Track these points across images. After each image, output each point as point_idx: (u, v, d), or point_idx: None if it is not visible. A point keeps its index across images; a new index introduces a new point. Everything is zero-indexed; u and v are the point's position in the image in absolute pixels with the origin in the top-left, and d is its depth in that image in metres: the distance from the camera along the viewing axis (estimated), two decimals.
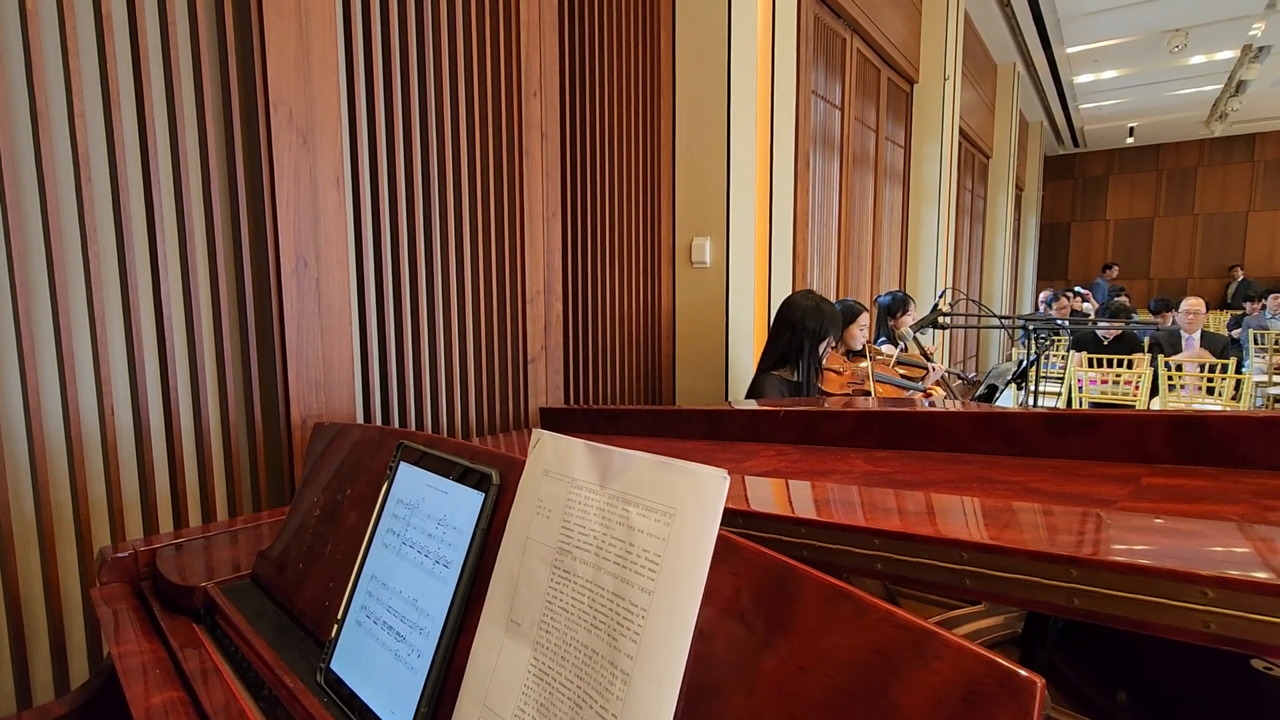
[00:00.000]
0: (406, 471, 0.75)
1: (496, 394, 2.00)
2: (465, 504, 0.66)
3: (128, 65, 1.27)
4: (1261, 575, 0.42)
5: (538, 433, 0.62)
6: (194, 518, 1.39)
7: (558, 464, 0.60)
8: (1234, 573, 0.43)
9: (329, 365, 1.56)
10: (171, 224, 1.35)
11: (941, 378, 2.99)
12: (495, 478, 0.65)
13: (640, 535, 0.51)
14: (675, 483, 0.50)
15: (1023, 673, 0.34)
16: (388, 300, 1.70)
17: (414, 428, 1.79)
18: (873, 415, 1.04)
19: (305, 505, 0.94)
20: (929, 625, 0.37)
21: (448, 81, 1.78)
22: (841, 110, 4.19)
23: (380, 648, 0.66)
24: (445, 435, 1.25)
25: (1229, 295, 10.69)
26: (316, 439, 1.01)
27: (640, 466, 0.54)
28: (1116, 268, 11.69)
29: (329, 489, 0.91)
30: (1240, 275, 10.98)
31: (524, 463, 0.63)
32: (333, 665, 0.71)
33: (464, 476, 0.68)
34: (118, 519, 1.29)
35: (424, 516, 0.69)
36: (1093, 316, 6.50)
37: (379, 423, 1.72)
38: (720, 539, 0.47)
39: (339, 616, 0.74)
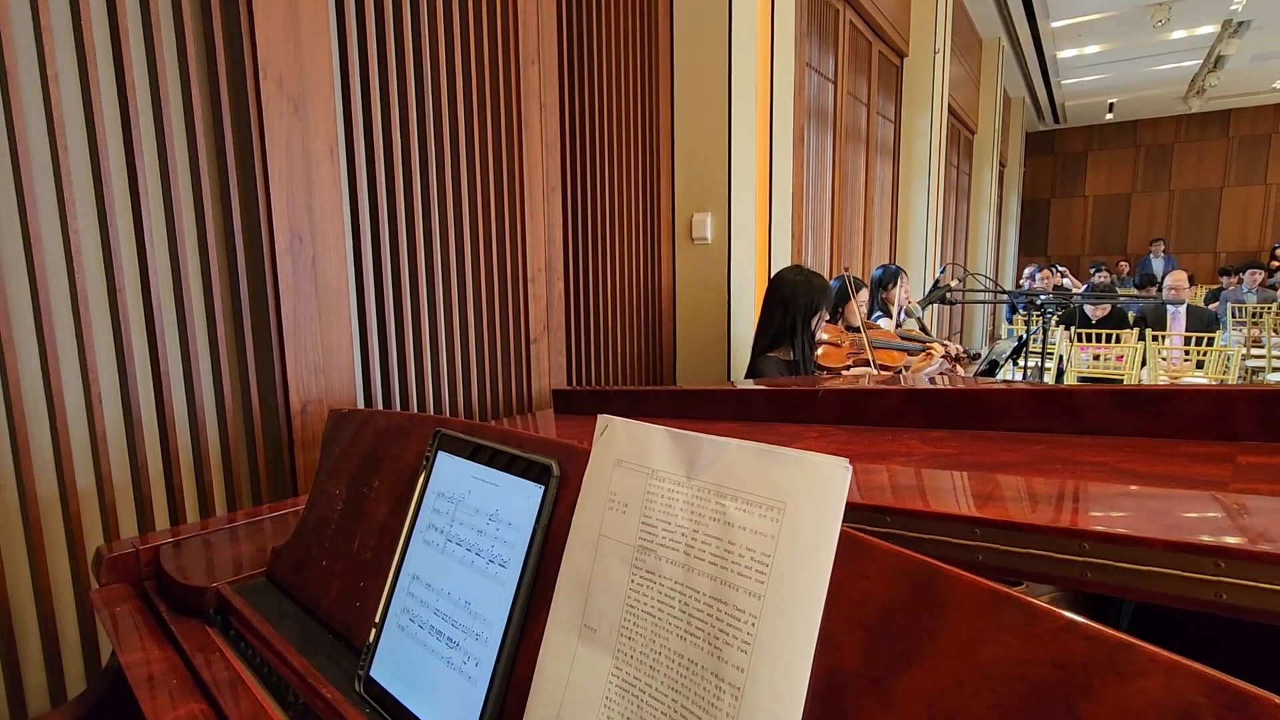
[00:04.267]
0: (446, 462, 0.69)
1: (500, 376, 1.93)
2: (520, 497, 0.60)
3: (104, 22, 1.17)
4: None
5: (604, 418, 0.57)
6: (191, 512, 1.32)
7: (632, 453, 0.54)
8: None
9: (328, 348, 1.48)
10: (157, 197, 1.26)
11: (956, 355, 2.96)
12: (555, 469, 0.59)
13: (741, 533, 0.46)
14: (783, 474, 0.45)
15: (1261, 693, 0.29)
16: (386, 280, 1.61)
17: (418, 412, 1.72)
18: (918, 394, 1.00)
19: (325, 498, 0.87)
20: (1125, 637, 0.33)
21: (443, 47, 1.69)
22: (835, 84, 4.12)
23: (430, 655, 0.61)
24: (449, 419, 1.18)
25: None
26: (334, 427, 0.94)
27: (736, 455, 0.48)
28: (1161, 242, 10.91)
29: (352, 481, 0.84)
30: None
31: (587, 452, 0.58)
32: (373, 673, 0.65)
33: (516, 467, 0.62)
34: (110, 514, 1.22)
35: (471, 511, 0.63)
36: (1078, 292, 6.54)
37: (380, 407, 1.64)
38: (843, 536, 0.42)
39: (376, 620, 0.68)
